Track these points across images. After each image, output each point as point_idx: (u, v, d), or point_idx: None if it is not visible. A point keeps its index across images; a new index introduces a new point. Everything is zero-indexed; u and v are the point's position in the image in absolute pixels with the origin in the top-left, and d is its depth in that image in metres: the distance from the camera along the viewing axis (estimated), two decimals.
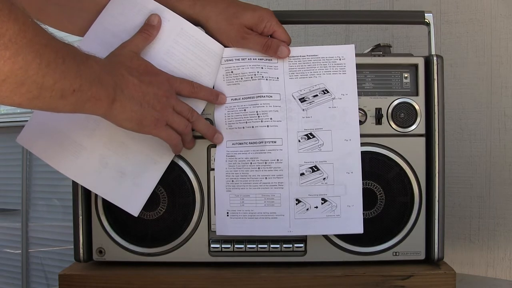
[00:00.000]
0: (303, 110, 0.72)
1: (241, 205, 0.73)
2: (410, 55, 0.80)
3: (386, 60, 0.77)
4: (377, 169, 0.75)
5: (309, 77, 0.73)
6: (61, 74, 0.54)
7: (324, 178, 0.71)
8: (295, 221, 0.72)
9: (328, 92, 0.72)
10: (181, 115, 0.70)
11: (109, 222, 0.76)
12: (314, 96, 0.73)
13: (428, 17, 0.78)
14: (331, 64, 0.73)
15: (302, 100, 0.72)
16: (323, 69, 0.73)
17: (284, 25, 0.75)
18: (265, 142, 0.72)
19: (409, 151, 0.75)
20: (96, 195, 0.76)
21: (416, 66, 0.76)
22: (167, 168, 0.74)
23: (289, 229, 0.72)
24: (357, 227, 0.72)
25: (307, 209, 0.72)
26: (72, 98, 0.57)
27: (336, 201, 0.71)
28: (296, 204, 0.72)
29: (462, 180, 1.06)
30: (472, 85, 1.06)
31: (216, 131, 0.73)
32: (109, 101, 0.62)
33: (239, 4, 0.74)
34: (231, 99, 0.73)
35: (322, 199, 0.71)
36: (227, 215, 0.73)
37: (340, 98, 0.72)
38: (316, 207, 0.72)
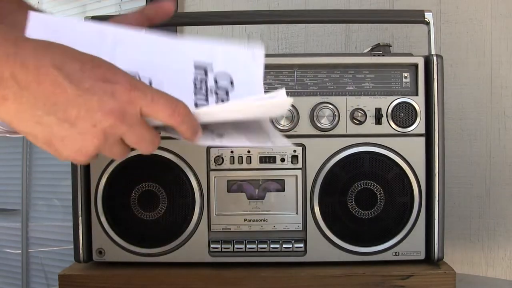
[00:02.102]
0: None
1: None
2: (410, 54, 0.80)
3: (386, 60, 0.77)
4: (377, 169, 0.75)
5: None
6: None
7: None
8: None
9: None
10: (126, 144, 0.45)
11: (109, 222, 0.76)
12: None
13: (428, 16, 0.78)
14: None
15: None
16: None
17: (284, 25, 0.75)
18: None
19: (409, 151, 0.75)
20: (96, 196, 0.76)
21: (416, 65, 0.76)
22: (166, 168, 0.74)
23: None
24: None
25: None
26: None
27: None
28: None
29: (462, 180, 1.06)
30: (472, 85, 1.06)
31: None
32: None
33: None
34: None
35: None
36: None
37: None
38: None
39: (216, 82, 0.51)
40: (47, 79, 0.41)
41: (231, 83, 0.52)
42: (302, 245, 0.75)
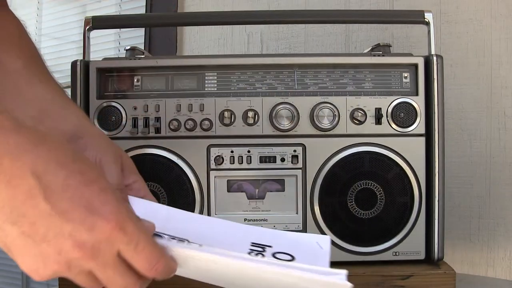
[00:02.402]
0: None
1: None
2: (410, 55, 0.80)
3: (386, 60, 0.77)
4: (377, 169, 0.75)
5: None
6: None
7: None
8: None
9: None
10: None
11: None
12: None
13: (428, 16, 0.78)
14: None
15: None
16: None
17: (284, 25, 0.74)
18: None
19: (409, 151, 0.75)
20: None
21: (416, 66, 0.76)
22: (166, 168, 0.74)
23: None
24: None
25: None
26: None
27: None
28: None
29: (462, 180, 1.06)
30: (472, 85, 1.06)
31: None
32: None
33: None
34: None
35: None
36: None
37: None
38: None
39: (274, 257, 0.45)
40: (20, 185, 0.35)
41: (292, 259, 0.45)
42: None
